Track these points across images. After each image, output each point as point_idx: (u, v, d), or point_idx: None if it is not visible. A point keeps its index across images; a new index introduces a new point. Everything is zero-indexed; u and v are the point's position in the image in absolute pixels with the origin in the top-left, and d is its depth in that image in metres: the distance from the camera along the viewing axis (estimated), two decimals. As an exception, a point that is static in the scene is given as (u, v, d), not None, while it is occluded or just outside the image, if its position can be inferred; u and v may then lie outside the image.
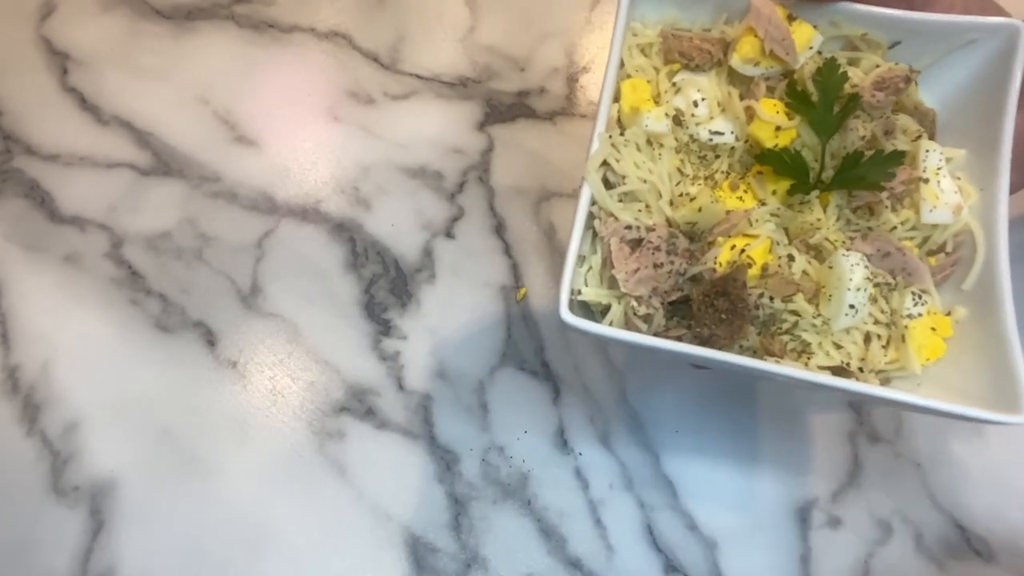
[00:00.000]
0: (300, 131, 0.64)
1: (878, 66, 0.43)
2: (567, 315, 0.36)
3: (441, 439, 0.52)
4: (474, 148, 0.63)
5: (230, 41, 0.68)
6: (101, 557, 0.48)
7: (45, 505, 0.50)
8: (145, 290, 0.57)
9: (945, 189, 0.41)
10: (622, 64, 0.43)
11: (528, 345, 0.55)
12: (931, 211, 0.41)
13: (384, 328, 0.56)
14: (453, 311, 0.56)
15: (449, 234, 0.59)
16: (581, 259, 0.40)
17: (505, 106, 0.65)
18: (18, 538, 0.49)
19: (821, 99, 0.41)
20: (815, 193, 0.41)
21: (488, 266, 0.58)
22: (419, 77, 0.66)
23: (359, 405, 0.53)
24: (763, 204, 0.41)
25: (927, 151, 0.42)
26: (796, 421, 0.53)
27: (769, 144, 0.41)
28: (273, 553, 0.49)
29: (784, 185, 0.41)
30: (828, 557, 0.49)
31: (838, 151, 0.42)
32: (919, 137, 0.43)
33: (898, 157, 0.40)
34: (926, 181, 0.41)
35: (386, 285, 0.57)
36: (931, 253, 0.42)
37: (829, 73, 0.41)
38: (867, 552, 0.50)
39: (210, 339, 0.55)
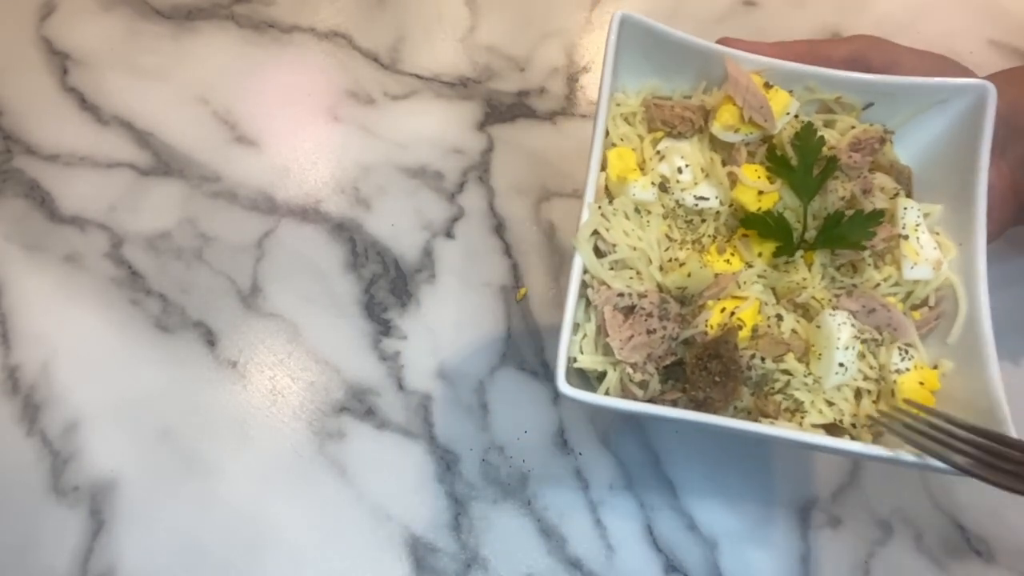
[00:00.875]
0: (300, 131, 0.64)
1: (853, 127, 0.45)
2: (564, 387, 0.37)
3: (441, 439, 0.52)
4: (474, 148, 0.63)
5: (230, 41, 0.68)
6: (101, 557, 0.48)
7: (45, 505, 0.50)
8: (145, 290, 0.57)
9: (924, 245, 0.42)
10: (607, 133, 0.44)
11: (528, 345, 0.55)
12: (912, 267, 0.42)
13: (384, 328, 0.56)
14: (453, 311, 0.56)
15: (449, 234, 0.59)
16: (575, 327, 0.41)
17: (505, 106, 0.65)
18: (18, 538, 0.49)
19: (800, 163, 0.42)
20: (800, 253, 0.42)
21: (488, 266, 0.58)
22: (419, 77, 0.66)
23: (359, 405, 0.53)
24: (750, 266, 0.42)
25: (905, 208, 0.43)
26: (796, 421, 0.53)
27: (753, 207, 0.42)
28: (273, 553, 0.49)
29: (769, 247, 0.42)
30: (828, 557, 0.49)
31: (819, 212, 0.43)
32: (896, 195, 0.44)
33: (877, 216, 0.41)
34: (905, 238, 0.43)
35: (386, 285, 0.57)
36: (915, 307, 0.43)
37: (807, 137, 0.42)
38: (867, 552, 0.50)
39: (210, 339, 0.55)
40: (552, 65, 0.67)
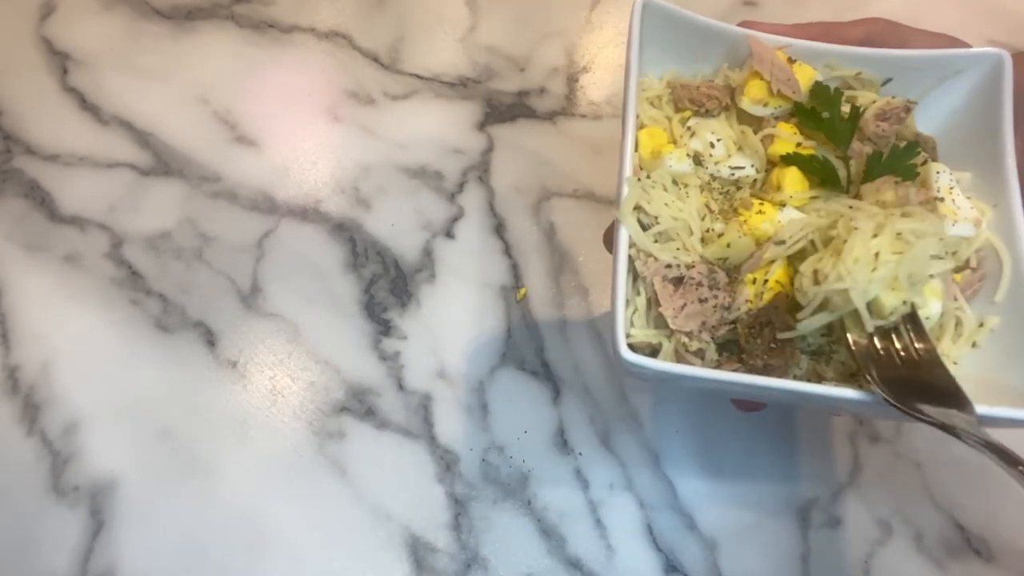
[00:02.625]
0: (300, 131, 0.64)
1: (875, 101, 0.45)
2: (627, 353, 0.36)
3: (441, 439, 0.52)
4: (474, 148, 0.63)
5: (230, 41, 0.68)
6: (101, 557, 0.48)
7: (45, 505, 0.50)
8: (145, 290, 0.57)
9: (961, 206, 0.42)
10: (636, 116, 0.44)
11: (528, 345, 0.55)
12: (953, 225, 0.42)
13: (384, 328, 0.56)
14: (453, 311, 0.56)
15: (449, 234, 0.59)
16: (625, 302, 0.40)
17: (505, 106, 0.65)
18: (18, 538, 0.49)
19: (829, 114, 0.43)
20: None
21: (488, 266, 0.58)
22: (419, 77, 0.66)
23: (359, 405, 0.53)
24: (783, 206, 0.42)
25: (937, 172, 0.43)
26: (796, 421, 0.53)
27: None
28: (273, 553, 0.49)
29: (803, 185, 0.42)
30: (828, 557, 0.49)
31: (855, 174, 0.43)
32: (926, 161, 0.44)
33: (913, 148, 0.42)
34: (941, 200, 0.42)
35: (386, 285, 0.57)
36: (956, 270, 0.43)
37: (822, 93, 0.43)
38: (867, 552, 0.50)
39: (210, 339, 0.55)
40: (552, 65, 0.67)
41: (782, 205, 0.42)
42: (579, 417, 0.53)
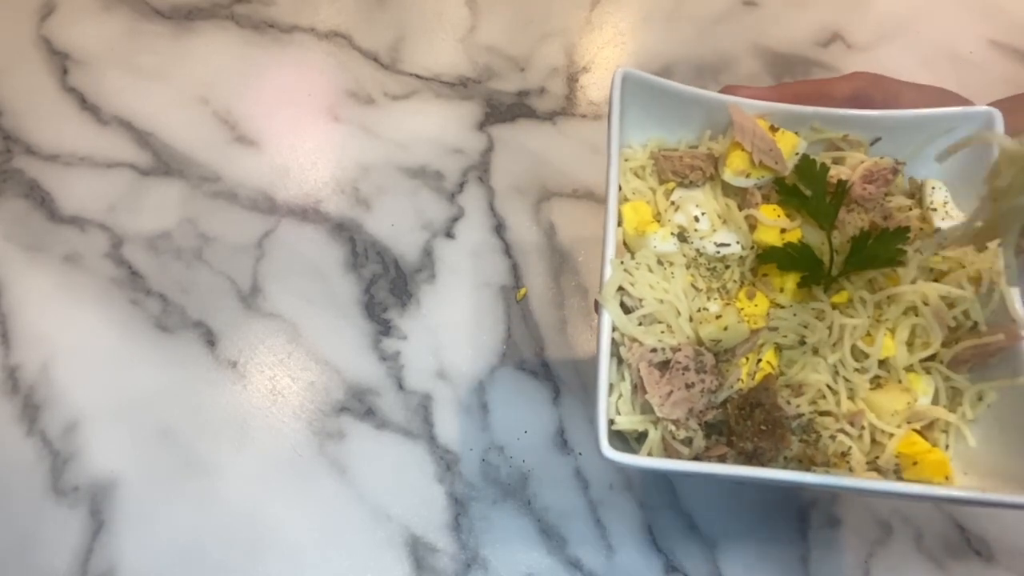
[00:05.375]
0: (300, 131, 0.64)
1: (863, 162, 0.44)
2: (609, 452, 0.35)
3: (441, 439, 0.52)
4: (474, 148, 0.63)
5: (230, 41, 0.68)
6: (101, 557, 0.48)
7: (45, 505, 0.50)
8: (145, 290, 0.57)
9: (955, 216, 0.42)
10: (619, 188, 0.44)
11: (528, 345, 0.55)
12: (943, 220, 0.41)
13: (384, 328, 0.56)
14: (453, 311, 0.56)
15: (449, 234, 0.59)
16: (609, 388, 0.39)
17: (505, 106, 0.65)
18: (18, 538, 0.49)
19: (813, 191, 0.41)
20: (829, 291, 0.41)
21: (488, 266, 0.58)
22: (419, 77, 0.66)
23: (359, 405, 0.53)
24: (779, 307, 0.41)
25: (933, 187, 0.43)
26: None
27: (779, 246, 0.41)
28: (273, 553, 0.49)
29: (792, 281, 0.41)
30: (828, 557, 0.49)
31: (842, 247, 0.42)
32: (915, 200, 0.43)
33: (903, 233, 0.40)
34: (934, 210, 0.42)
35: (386, 285, 0.57)
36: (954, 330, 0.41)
37: (808, 168, 0.42)
38: (867, 552, 0.50)
39: (210, 339, 0.55)
40: (552, 65, 0.67)
41: (777, 305, 0.41)
42: (579, 417, 0.53)
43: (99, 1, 0.69)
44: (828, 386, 0.39)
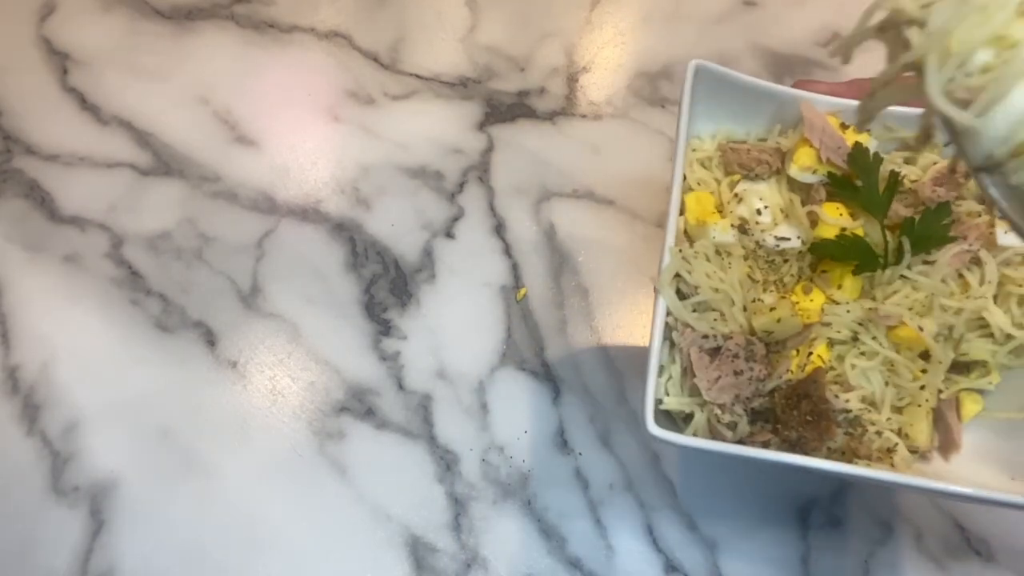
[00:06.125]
0: (300, 131, 0.64)
1: (935, 163, 0.44)
2: (654, 428, 0.36)
3: (441, 439, 0.52)
4: (474, 148, 0.63)
5: (230, 41, 0.68)
6: (101, 557, 0.48)
7: (45, 505, 0.50)
8: (145, 290, 0.57)
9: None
10: (684, 178, 0.44)
11: (528, 345, 0.55)
12: (1005, 233, 0.41)
13: (384, 328, 0.56)
14: (453, 311, 0.56)
15: (449, 234, 0.59)
16: (660, 369, 0.40)
17: (505, 106, 0.65)
18: (18, 538, 0.49)
19: (864, 182, 0.41)
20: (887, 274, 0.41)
21: (488, 266, 0.58)
22: (419, 77, 0.66)
23: (359, 405, 0.53)
24: (835, 303, 0.42)
25: (1004, 231, 0.42)
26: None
27: None
28: (273, 553, 0.49)
29: (848, 277, 0.41)
30: (828, 557, 0.49)
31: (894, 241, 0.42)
32: (986, 207, 0.43)
33: (946, 209, 0.40)
34: (1002, 219, 0.42)
35: (386, 285, 0.57)
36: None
37: (861, 157, 0.42)
38: (867, 552, 0.50)
39: (210, 339, 0.55)
40: (552, 65, 0.67)
41: (834, 302, 0.41)
42: (579, 417, 0.53)
43: (99, 1, 0.69)
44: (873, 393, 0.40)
